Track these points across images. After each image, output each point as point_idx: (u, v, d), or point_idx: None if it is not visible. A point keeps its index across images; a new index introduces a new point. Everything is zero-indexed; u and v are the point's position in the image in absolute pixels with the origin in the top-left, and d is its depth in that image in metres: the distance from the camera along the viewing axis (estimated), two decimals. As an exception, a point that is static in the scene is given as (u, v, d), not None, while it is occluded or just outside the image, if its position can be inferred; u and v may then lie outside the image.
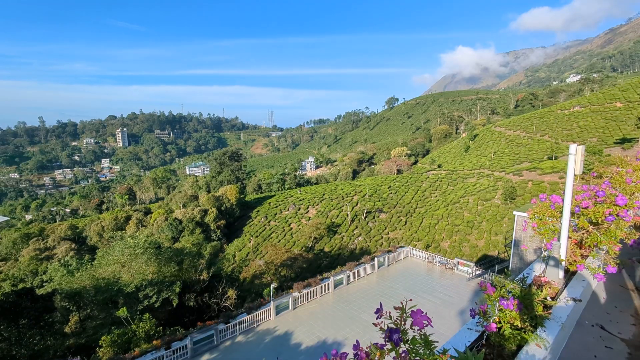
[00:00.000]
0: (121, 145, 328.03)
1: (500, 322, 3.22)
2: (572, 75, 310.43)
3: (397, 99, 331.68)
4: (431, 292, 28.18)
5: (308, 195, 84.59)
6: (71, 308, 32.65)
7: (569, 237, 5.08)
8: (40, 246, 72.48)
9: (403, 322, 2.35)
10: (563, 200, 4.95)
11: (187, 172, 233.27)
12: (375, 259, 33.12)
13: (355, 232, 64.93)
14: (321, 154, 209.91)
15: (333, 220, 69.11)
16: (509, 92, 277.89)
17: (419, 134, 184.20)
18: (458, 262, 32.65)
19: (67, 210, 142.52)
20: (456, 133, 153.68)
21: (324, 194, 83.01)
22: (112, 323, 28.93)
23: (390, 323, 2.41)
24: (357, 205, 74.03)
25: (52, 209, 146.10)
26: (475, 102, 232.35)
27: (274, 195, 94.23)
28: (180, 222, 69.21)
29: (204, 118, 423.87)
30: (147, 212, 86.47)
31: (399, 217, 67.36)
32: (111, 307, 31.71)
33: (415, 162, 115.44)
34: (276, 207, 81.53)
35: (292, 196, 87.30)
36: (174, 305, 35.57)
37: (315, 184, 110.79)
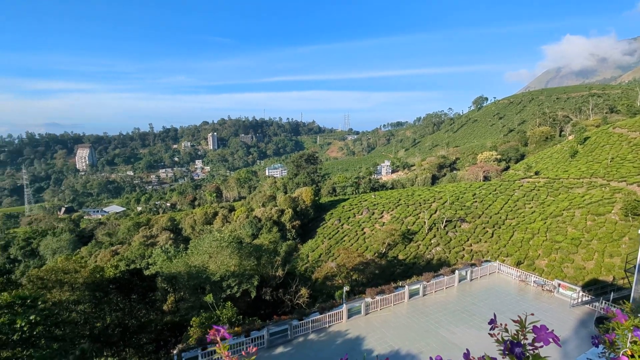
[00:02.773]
0: (211, 148, 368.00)
1: (633, 356, 2.80)
2: None
3: (486, 99, 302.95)
4: (518, 316, 24.55)
5: (383, 200, 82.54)
6: (169, 289, 37.23)
7: None
8: (147, 234, 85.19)
9: (523, 337, 2.24)
10: None
11: (267, 174, 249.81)
12: (456, 271, 30.37)
13: (432, 242, 60.89)
14: (398, 157, 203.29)
15: (409, 227, 66.00)
16: (635, 85, 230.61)
17: (512, 136, 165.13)
18: (559, 285, 27.93)
19: (168, 204, 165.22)
20: (560, 135, 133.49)
21: (399, 200, 80.00)
22: (200, 307, 32.06)
23: (507, 336, 2.32)
24: (435, 212, 69.44)
25: (156, 203, 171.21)
26: (587, 99, 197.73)
27: (348, 198, 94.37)
28: (260, 220, 74.02)
29: (283, 122, 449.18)
30: (232, 209, 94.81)
31: (484, 228, 61.00)
32: (199, 293, 35.18)
33: (507, 168, 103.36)
34: (350, 210, 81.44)
35: (366, 200, 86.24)
36: (252, 297, 37.89)
37: (390, 188, 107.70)
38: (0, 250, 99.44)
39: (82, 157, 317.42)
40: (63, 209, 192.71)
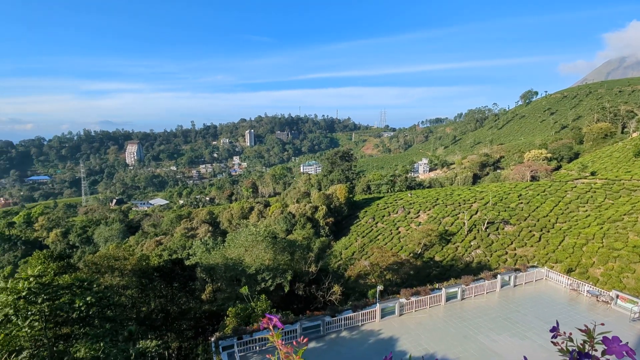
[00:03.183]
0: (248, 144, 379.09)
1: None
2: None
3: (535, 93, 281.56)
4: (574, 328, 22.57)
5: (419, 199, 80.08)
6: (207, 280, 38.86)
7: None
8: (187, 226, 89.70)
9: (592, 349, 2.09)
10: None
11: (301, 170, 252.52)
12: (499, 276, 28.64)
13: (472, 244, 58.03)
14: (436, 155, 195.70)
15: (447, 228, 63.44)
16: None
17: (565, 133, 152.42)
18: (617, 296, 25.39)
19: (207, 198, 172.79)
20: (622, 132, 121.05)
21: (437, 199, 77.13)
22: (236, 298, 33.12)
23: (572, 347, 2.17)
24: (476, 213, 66.09)
25: (196, 197, 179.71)
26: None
27: (383, 196, 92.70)
28: (294, 216, 74.97)
29: (319, 119, 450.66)
30: (267, 204, 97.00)
31: (530, 231, 57.00)
32: (235, 284, 36.34)
33: (558, 168, 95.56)
34: (384, 209, 79.96)
35: (401, 199, 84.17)
36: (286, 291, 38.47)
37: (428, 187, 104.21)
38: (61, 236, 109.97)
39: (131, 152, 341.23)
40: (114, 201, 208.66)
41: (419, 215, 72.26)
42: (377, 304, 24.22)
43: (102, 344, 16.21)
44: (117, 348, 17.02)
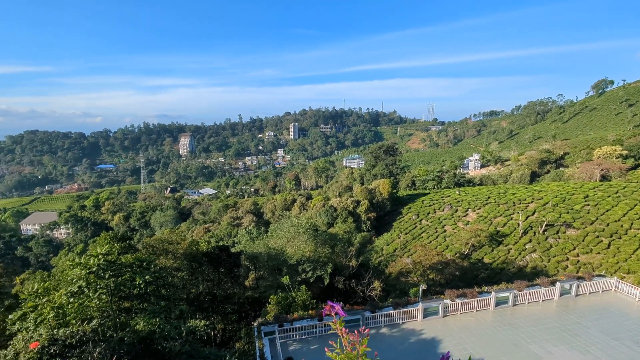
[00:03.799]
0: (292, 137, 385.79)
1: None
2: None
3: (611, 82, 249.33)
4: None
5: (468, 197, 75.85)
6: (250, 267, 40.46)
7: None
8: (233, 215, 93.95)
9: None
10: None
11: (344, 164, 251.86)
12: (558, 283, 26.26)
13: (527, 247, 53.76)
14: (489, 151, 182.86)
15: (498, 229, 59.44)
16: None
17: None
18: None
19: (252, 189, 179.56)
20: None
21: (488, 197, 72.45)
22: (277, 286, 34.12)
23: None
24: (533, 214, 61.02)
25: (242, 187, 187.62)
26: None
27: (429, 193, 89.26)
28: (335, 209, 75.10)
29: (363, 113, 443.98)
30: (309, 197, 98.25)
31: (597, 236, 51.32)
32: (277, 273, 37.41)
33: (635, 167, 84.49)
34: (430, 205, 77.00)
35: (449, 196, 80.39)
36: (325, 284, 38.78)
37: (478, 184, 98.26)
38: (123, 220, 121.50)
39: (184, 144, 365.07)
40: (169, 189, 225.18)
41: (468, 214, 68.50)
42: (420, 303, 23.45)
43: (157, 320, 17.57)
44: (171, 324, 18.36)
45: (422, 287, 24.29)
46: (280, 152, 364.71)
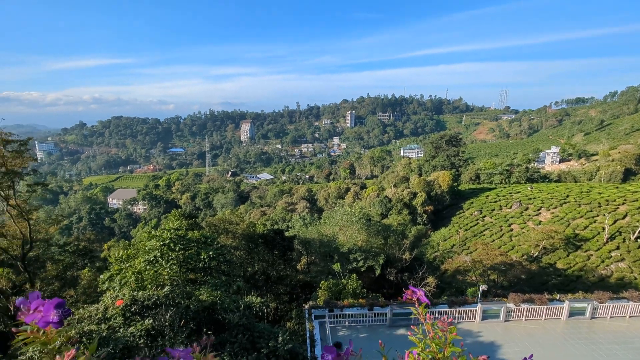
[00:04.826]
0: (349, 125, 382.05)
1: None
2: None
3: None
4: None
5: (542, 195, 68.45)
6: (303, 252, 41.59)
7: None
8: (288, 200, 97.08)
9: None
10: None
11: (401, 154, 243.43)
12: (652, 299, 22.61)
13: (613, 255, 47.05)
14: (572, 144, 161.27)
15: (577, 232, 52.84)
16: None
17: None
18: None
19: (307, 176, 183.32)
20: None
21: (567, 196, 64.56)
22: (328, 273, 34.66)
23: None
24: (624, 218, 53.03)
25: (297, 174, 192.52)
26: None
27: (494, 188, 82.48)
28: (390, 200, 73.32)
29: (425, 100, 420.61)
30: (363, 186, 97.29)
31: None
32: (328, 260, 37.93)
33: None
34: (495, 202, 71.18)
35: (518, 192, 73.43)
36: (377, 274, 38.40)
37: (556, 181, 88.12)
38: (189, 199, 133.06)
39: (244, 131, 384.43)
40: (229, 173, 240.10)
41: (540, 213, 61.97)
42: (479, 303, 21.98)
43: (218, 292, 19.03)
44: (230, 298, 19.77)
45: (483, 287, 22.72)
46: (335, 140, 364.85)
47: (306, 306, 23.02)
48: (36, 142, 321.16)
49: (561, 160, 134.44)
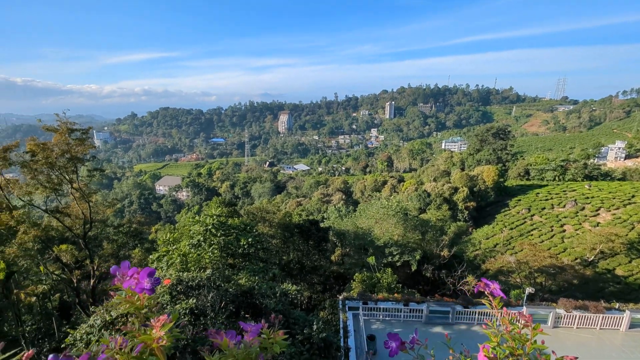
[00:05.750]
0: (388, 117, 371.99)
1: None
2: None
3: None
4: None
5: (602, 194, 62.42)
6: (337, 243, 41.73)
7: None
8: (324, 192, 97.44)
9: None
10: None
11: (443, 147, 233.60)
12: None
13: (685, 263, 41.93)
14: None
15: (641, 235, 47.69)
16: None
17: None
18: None
19: (343, 168, 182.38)
20: None
21: (633, 196, 58.30)
22: (362, 265, 34.49)
23: None
24: (699, 222, 46.92)
25: (334, 166, 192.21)
26: None
27: (546, 185, 76.63)
28: (429, 195, 70.91)
29: (471, 90, 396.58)
30: (401, 180, 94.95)
31: None
32: (363, 253, 37.71)
33: None
34: (546, 200, 66.14)
35: (574, 190, 67.59)
36: (412, 270, 37.56)
37: (619, 179, 79.84)
38: (229, 188, 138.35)
39: (282, 122, 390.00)
40: (267, 163, 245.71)
41: (599, 214, 56.64)
42: (524, 307, 20.71)
43: (256, 278, 19.72)
44: (267, 284, 20.43)
45: (529, 290, 21.35)
46: (373, 131, 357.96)
47: (340, 297, 23.13)
48: (94, 131, 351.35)
49: (627, 157, 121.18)
